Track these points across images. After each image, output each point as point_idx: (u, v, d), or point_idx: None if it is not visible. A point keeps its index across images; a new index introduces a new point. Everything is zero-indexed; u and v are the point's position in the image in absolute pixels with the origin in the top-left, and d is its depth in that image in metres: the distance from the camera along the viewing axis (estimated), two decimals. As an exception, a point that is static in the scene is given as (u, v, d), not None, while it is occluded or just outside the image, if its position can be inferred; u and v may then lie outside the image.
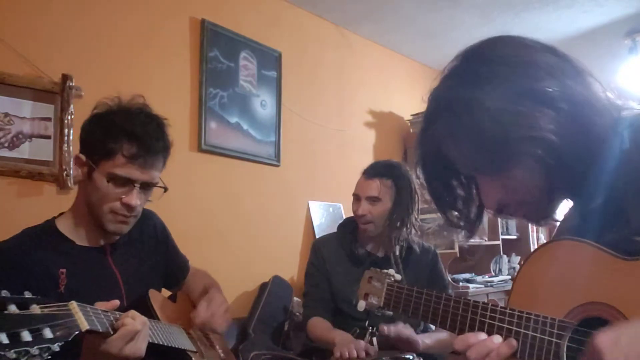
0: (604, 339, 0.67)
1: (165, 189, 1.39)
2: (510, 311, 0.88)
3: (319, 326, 2.04)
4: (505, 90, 0.81)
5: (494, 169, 0.86)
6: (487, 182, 0.89)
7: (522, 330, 0.85)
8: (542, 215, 0.91)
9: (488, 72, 0.84)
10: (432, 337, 1.91)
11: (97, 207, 1.29)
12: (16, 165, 2.05)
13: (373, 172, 2.06)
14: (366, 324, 1.84)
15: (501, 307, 0.89)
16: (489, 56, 0.86)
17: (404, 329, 1.78)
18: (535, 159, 0.81)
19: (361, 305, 1.28)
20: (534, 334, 0.83)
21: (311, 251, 2.22)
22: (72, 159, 1.28)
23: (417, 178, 0.98)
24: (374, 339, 1.81)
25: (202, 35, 2.75)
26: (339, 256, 2.12)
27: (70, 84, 2.17)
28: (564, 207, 0.92)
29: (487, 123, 0.81)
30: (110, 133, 1.26)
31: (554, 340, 0.81)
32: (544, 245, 0.90)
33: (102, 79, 2.31)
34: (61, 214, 1.39)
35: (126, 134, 1.26)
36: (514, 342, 0.86)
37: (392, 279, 1.22)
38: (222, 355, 1.54)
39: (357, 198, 2.07)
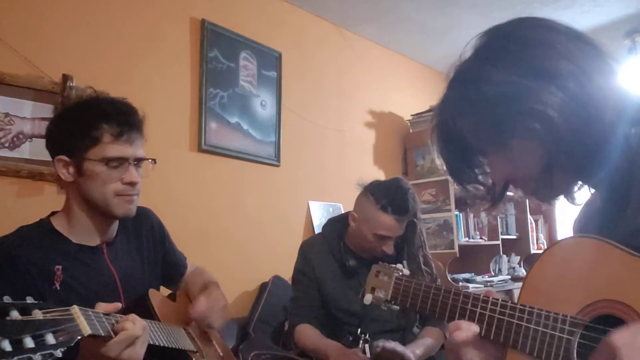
0: (620, 337, 0.66)
1: (154, 161, 1.41)
2: (521, 307, 0.87)
3: (309, 334, 1.98)
4: (514, 66, 0.83)
5: (496, 142, 0.88)
6: (494, 156, 0.92)
7: (532, 326, 0.84)
8: (552, 195, 0.92)
9: (502, 48, 0.86)
10: (421, 347, 1.87)
11: (101, 196, 1.29)
12: (17, 165, 2.05)
13: (404, 212, 1.89)
14: (358, 331, 1.83)
15: (512, 303, 0.89)
16: (507, 34, 0.88)
17: (397, 345, 1.77)
18: (533, 133, 0.82)
19: (367, 298, 1.27)
20: (545, 330, 0.83)
21: (298, 256, 2.13)
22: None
23: (434, 151, 0.99)
24: (367, 346, 1.79)
25: (202, 35, 2.76)
26: (328, 261, 2.04)
27: (71, 84, 2.17)
28: (583, 192, 0.91)
29: (491, 94, 0.84)
30: (88, 122, 1.28)
31: (565, 336, 0.80)
32: (556, 243, 0.89)
33: (102, 79, 2.29)
34: (54, 213, 1.37)
35: (102, 116, 1.28)
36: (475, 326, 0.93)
37: (401, 273, 1.22)
38: (221, 354, 1.53)
39: (383, 237, 1.90)
